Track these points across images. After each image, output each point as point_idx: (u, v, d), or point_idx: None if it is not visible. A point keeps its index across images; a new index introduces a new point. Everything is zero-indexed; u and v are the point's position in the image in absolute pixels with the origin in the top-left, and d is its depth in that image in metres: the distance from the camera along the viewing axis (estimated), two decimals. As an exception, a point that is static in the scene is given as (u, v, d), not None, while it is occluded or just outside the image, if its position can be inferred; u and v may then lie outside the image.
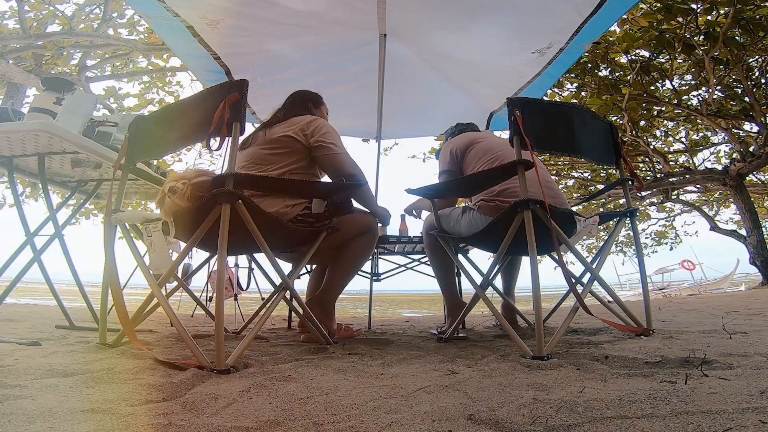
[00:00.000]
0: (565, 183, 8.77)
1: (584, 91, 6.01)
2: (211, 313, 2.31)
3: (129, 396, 0.85)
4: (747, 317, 2.24)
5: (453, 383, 0.98)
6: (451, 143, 2.16)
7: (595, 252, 2.17)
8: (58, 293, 2.09)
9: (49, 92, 1.90)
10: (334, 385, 0.99)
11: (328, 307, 1.89)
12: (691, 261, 17.02)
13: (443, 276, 2.11)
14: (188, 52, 2.79)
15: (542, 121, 1.57)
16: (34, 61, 5.96)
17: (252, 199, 1.38)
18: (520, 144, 1.48)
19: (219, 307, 1.20)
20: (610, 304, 1.83)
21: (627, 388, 0.84)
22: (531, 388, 0.92)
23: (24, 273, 1.88)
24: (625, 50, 4.90)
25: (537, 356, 1.23)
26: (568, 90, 6.33)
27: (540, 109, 1.61)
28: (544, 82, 3.00)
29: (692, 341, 1.35)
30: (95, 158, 1.89)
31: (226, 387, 0.95)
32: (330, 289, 1.90)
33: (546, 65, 2.82)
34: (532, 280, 1.37)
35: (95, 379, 0.93)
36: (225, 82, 1.42)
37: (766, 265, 7.12)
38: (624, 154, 1.82)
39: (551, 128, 1.61)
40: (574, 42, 2.56)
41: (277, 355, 1.42)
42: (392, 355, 1.45)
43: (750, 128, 7.01)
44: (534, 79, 2.98)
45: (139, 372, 1.03)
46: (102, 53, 6.55)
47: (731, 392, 0.78)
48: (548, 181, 1.91)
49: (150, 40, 5.94)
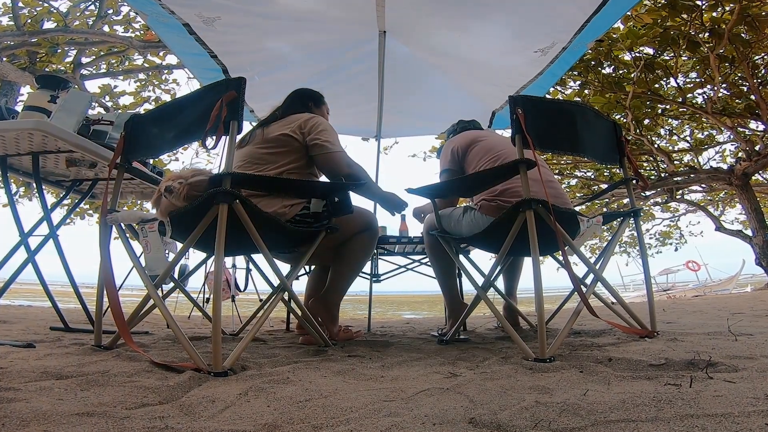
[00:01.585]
0: (568, 183, 8.76)
1: (587, 89, 5.99)
2: (208, 315, 2.31)
3: (125, 399, 0.85)
4: (753, 319, 2.24)
5: (454, 386, 0.98)
6: (453, 141, 2.16)
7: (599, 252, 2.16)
8: (53, 294, 2.07)
9: (44, 90, 1.90)
10: (333, 387, 0.99)
11: (331, 308, 1.89)
12: (695, 262, 17.02)
13: (444, 277, 2.11)
14: (185, 49, 2.80)
15: (545, 119, 1.57)
16: (28, 59, 5.95)
17: (250, 199, 1.38)
18: (522, 143, 1.48)
19: (216, 308, 1.20)
20: (613, 305, 1.82)
21: (631, 391, 0.84)
22: (533, 391, 0.91)
23: (18, 274, 1.88)
24: (629, 47, 4.88)
25: (539, 359, 1.24)
26: (571, 88, 6.31)
27: (542, 107, 1.61)
28: (547, 80, 3.01)
29: (697, 343, 1.35)
30: (90, 157, 1.88)
31: (223, 390, 0.95)
32: (333, 290, 1.90)
33: (548, 64, 2.83)
34: (534, 282, 1.36)
35: (90, 382, 0.93)
36: (222, 80, 1.42)
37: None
38: (628, 153, 1.82)
39: (554, 126, 1.61)
40: (578, 40, 2.56)
41: (275, 357, 1.42)
42: (392, 357, 1.45)
43: (756, 127, 7.00)
44: (536, 77, 2.99)
45: (135, 374, 1.03)
46: (97, 50, 6.55)
47: (737, 395, 0.78)
48: (551, 180, 1.90)
49: (146, 38, 5.94)
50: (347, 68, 3.25)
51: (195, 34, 2.63)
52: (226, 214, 1.25)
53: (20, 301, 6.19)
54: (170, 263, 1.44)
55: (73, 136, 1.76)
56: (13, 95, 6.06)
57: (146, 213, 1.53)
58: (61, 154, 1.89)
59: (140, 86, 7.32)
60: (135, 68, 7.16)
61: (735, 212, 11.17)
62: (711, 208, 10.15)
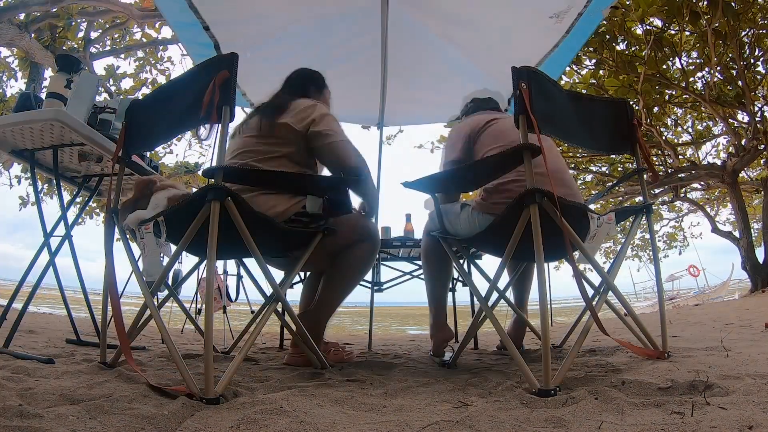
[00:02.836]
0: (583, 178, 8.62)
1: (602, 69, 6.09)
2: (201, 330, 2.25)
3: (125, 429, 0.87)
4: (740, 330, 2.43)
5: (464, 418, 0.92)
6: (461, 127, 1.89)
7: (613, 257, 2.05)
8: (69, 303, 2.17)
9: (62, 73, 1.90)
10: (330, 420, 0.94)
11: (316, 325, 1.73)
12: (696, 267, 17.03)
13: (433, 283, 1.91)
14: (178, 18, 2.60)
15: (551, 99, 1.41)
16: (49, 34, 6.26)
17: (242, 195, 1.30)
18: (527, 124, 1.29)
19: (208, 324, 1.15)
20: (626, 317, 1.74)
21: (642, 422, 0.87)
22: (549, 424, 0.89)
23: (41, 279, 1.86)
24: (641, 17, 5.02)
25: (543, 390, 1.08)
26: (586, 67, 6.40)
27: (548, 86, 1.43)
28: (563, 54, 2.82)
29: (697, 361, 1.38)
30: (99, 151, 1.85)
31: (215, 421, 0.93)
32: (322, 306, 1.74)
33: (564, 34, 2.64)
34: (539, 296, 1.20)
35: (97, 408, 0.97)
36: (213, 58, 1.34)
37: (755, 271, 6.77)
38: (640, 138, 1.67)
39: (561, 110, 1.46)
40: (593, 5, 2.41)
41: (268, 381, 1.36)
42: (396, 382, 1.39)
43: (742, 118, 6.92)
44: (553, 50, 2.78)
45: (134, 399, 1.05)
46: (103, 22, 6.89)
47: (728, 424, 0.82)
48: (558, 171, 1.70)
49: (144, 5, 6.13)
50: (346, 44, 2.95)
51: None
52: (218, 213, 1.18)
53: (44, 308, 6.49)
54: (164, 268, 1.38)
55: (86, 128, 1.75)
56: (39, 80, 6.39)
57: (143, 212, 1.47)
58: (75, 148, 1.86)
59: (139, 66, 7.62)
60: (135, 44, 7.48)
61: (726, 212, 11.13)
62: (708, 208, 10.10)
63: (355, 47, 2.97)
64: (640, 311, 9.26)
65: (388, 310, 30.11)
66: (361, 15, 2.70)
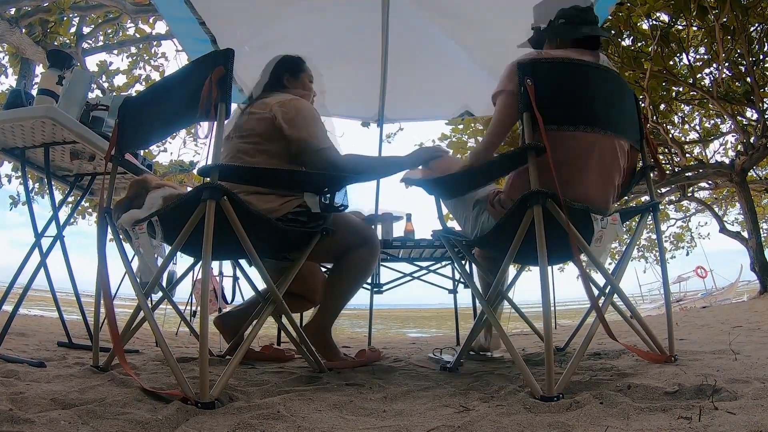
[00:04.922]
0: None
1: None
2: (196, 332, 2.24)
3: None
4: (748, 332, 2.41)
5: (466, 423, 0.92)
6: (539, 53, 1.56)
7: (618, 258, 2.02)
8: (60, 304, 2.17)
9: (53, 70, 1.89)
10: (329, 424, 0.94)
11: (320, 335, 1.73)
12: (703, 268, 17.03)
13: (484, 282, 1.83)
14: (173, 13, 2.58)
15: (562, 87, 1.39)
16: (41, 29, 6.24)
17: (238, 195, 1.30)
18: (532, 122, 1.28)
19: (203, 326, 1.15)
20: (632, 320, 1.73)
21: (648, 427, 0.86)
22: (553, 429, 0.89)
23: (32, 280, 1.86)
24: (647, 12, 4.99)
25: (546, 397, 1.08)
26: None
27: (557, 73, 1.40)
28: None
29: (705, 365, 1.38)
30: (91, 149, 1.85)
31: (210, 426, 0.92)
32: (323, 315, 1.75)
33: None
34: (542, 302, 1.20)
35: (90, 413, 0.96)
36: (209, 54, 1.33)
37: (764, 271, 6.76)
38: (647, 135, 1.65)
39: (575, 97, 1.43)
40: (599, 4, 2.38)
41: (265, 384, 1.36)
42: (396, 386, 1.38)
43: (751, 115, 6.93)
44: None
45: (128, 404, 1.04)
46: (95, 17, 6.88)
47: (737, 428, 0.81)
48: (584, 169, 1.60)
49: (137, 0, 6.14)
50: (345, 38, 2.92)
51: None
52: (214, 213, 1.18)
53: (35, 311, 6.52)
54: (159, 269, 1.38)
55: (78, 126, 1.75)
56: (30, 77, 6.39)
57: (137, 211, 1.47)
58: (67, 146, 1.86)
59: (132, 62, 7.64)
60: (128, 39, 7.50)
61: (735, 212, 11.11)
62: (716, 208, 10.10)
63: (356, 41, 2.96)
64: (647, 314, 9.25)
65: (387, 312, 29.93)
66: (361, 8, 2.69)
